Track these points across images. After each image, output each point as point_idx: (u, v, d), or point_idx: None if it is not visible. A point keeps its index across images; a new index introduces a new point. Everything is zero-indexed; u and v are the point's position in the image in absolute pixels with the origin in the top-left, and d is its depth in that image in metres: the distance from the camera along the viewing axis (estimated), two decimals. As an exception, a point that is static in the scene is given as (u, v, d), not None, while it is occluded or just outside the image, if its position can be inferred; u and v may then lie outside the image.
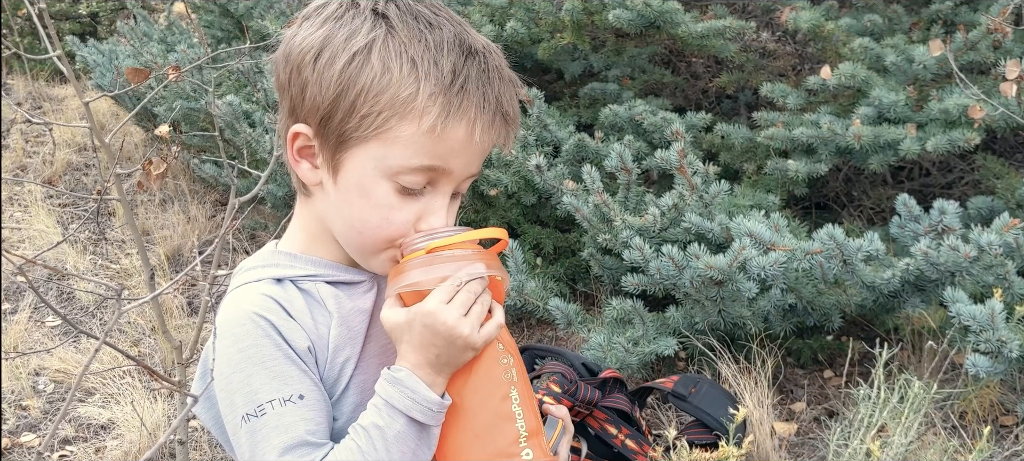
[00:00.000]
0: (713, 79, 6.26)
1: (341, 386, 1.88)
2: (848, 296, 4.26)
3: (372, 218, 1.81)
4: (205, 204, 8.12)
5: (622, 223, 4.42)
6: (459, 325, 1.75)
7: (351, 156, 1.79)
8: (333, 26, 1.79)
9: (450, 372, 1.81)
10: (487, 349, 1.84)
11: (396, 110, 1.73)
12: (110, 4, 13.54)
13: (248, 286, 1.88)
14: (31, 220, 7.87)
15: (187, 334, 5.71)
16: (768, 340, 4.64)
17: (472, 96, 1.76)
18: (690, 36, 5.24)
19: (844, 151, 4.83)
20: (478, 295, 1.80)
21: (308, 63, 1.78)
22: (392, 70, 1.73)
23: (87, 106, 3.77)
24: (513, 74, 1.89)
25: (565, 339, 5.36)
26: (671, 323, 4.52)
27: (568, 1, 5.43)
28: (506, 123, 1.84)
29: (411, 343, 1.79)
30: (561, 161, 5.15)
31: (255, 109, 6.33)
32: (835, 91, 4.99)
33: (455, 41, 1.78)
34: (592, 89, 5.94)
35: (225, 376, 1.80)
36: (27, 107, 11.52)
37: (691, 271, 4.06)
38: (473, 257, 1.82)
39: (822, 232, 3.98)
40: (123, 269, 7.04)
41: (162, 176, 3.92)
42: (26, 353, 5.59)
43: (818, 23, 5.18)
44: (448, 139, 1.75)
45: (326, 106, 1.76)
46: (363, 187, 1.79)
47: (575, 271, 5.63)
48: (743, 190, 5.02)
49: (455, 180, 1.84)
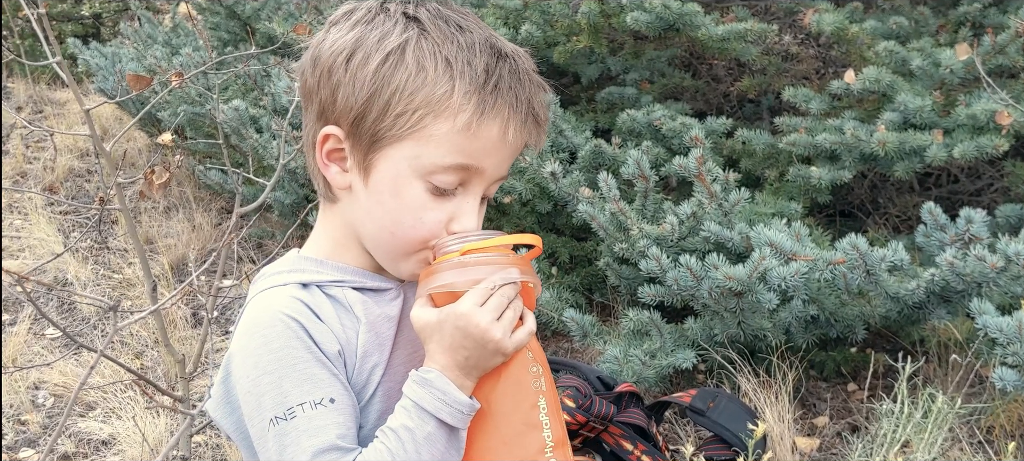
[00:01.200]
0: (735, 83, 6.26)
1: (368, 392, 1.90)
2: (872, 307, 4.25)
3: (405, 218, 1.84)
4: (210, 212, 8.13)
5: (639, 232, 4.42)
6: (491, 328, 1.78)
7: (384, 156, 1.82)
8: (364, 29, 1.83)
9: (478, 376, 1.84)
10: (517, 355, 1.87)
11: (431, 108, 1.77)
12: (113, 5, 13.57)
13: (275, 289, 1.89)
14: (31, 228, 7.89)
15: (191, 347, 5.72)
16: (789, 353, 4.64)
17: (505, 96, 1.81)
18: (710, 39, 5.24)
19: (869, 158, 4.82)
20: (511, 300, 1.83)
21: (340, 65, 1.82)
22: (427, 69, 1.77)
23: (87, 113, 3.80)
24: (541, 79, 1.93)
25: (580, 351, 5.37)
26: (689, 335, 4.52)
27: (584, 3, 5.44)
28: (537, 124, 1.89)
29: (441, 344, 1.81)
30: (577, 168, 5.16)
31: (262, 114, 6.35)
32: (859, 96, 4.99)
33: (486, 43, 1.83)
34: (609, 93, 5.95)
35: (252, 378, 1.82)
36: (28, 111, 11.56)
37: (710, 282, 4.06)
38: (507, 262, 1.85)
39: (845, 242, 3.98)
40: (125, 279, 7.05)
41: (165, 185, 3.95)
42: (25, 367, 5.59)
43: (842, 25, 5.16)
44: (482, 137, 1.80)
45: (360, 106, 1.80)
46: (396, 187, 1.82)
47: (591, 281, 5.64)
48: (765, 198, 5.02)
49: (486, 181, 1.87)
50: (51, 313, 6.58)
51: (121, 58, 8.54)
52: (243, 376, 1.84)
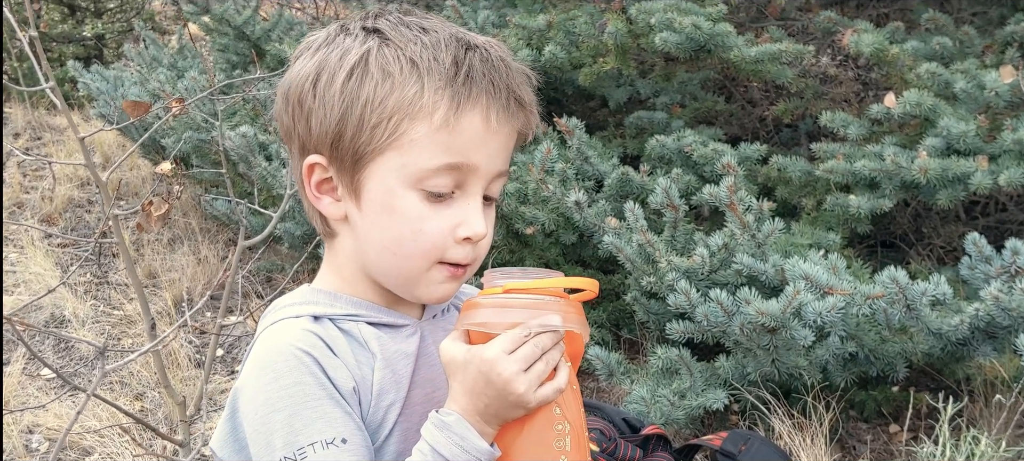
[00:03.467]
0: (770, 107, 6.26)
1: (384, 432, 1.89)
2: (914, 344, 4.24)
3: (404, 233, 1.83)
4: (217, 244, 8.14)
5: (668, 265, 4.42)
6: (515, 381, 1.75)
7: (370, 174, 1.83)
8: (325, 52, 1.86)
9: (498, 425, 1.82)
10: (542, 410, 1.83)
11: (405, 112, 1.78)
12: (117, 26, 13.62)
13: (287, 322, 1.89)
14: (27, 262, 7.89)
15: (194, 388, 5.70)
16: (826, 392, 4.62)
17: (480, 83, 1.81)
18: (743, 61, 5.25)
19: (910, 186, 4.81)
20: (545, 350, 1.80)
21: (308, 92, 1.84)
22: (393, 74, 1.79)
23: (83, 141, 3.84)
24: (521, 65, 1.94)
25: (606, 391, 5.37)
26: (720, 374, 4.51)
27: (611, 23, 5.46)
28: (522, 107, 1.89)
29: (463, 385, 1.80)
30: (603, 197, 5.17)
31: (271, 140, 6.37)
32: (900, 120, 4.98)
33: (452, 38, 1.84)
34: (638, 118, 5.96)
35: (261, 416, 1.80)
36: (26, 138, 11.59)
37: (741, 317, 4.07)
38: (551, 306, 1.82)
39: (884, 274, 3.97)
40: (126, 316, 7.05)
41: (164, 217, 3.98)
42: (19, 409, 5.55)
43: (882, 46, 5.16)
44: (465, 131, 1.80)
45: (334, 127, 1.81)
46: (388, 203, 1.83)
47: (618, 317, 5.64)
48: (801, 228, 5.01)
49: (483, 178, 1.87)
50: (47, 352, 6.59)
51: (123, 82, 8.57)
52: (252, 413, 1.82)
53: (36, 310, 7.02)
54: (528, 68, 1.96)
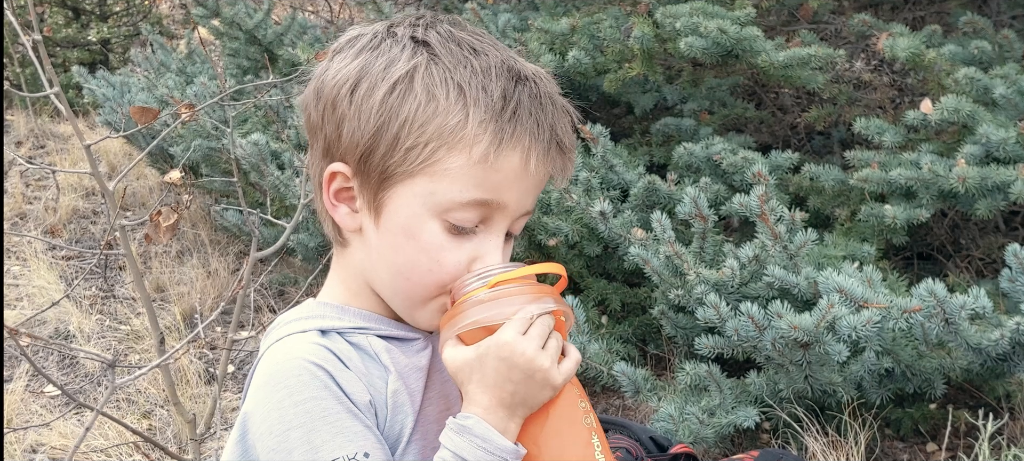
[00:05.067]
0: (802, 113, 6.26)
1: (399, 447, 1.89)
2: (952, 359, 4.22)
3: (421, 261, 1.84)
4: (227, 256, 8.12)
5: (696, 277, 4.41)
6: (539, 357, 1.78)
7: (395, 194, 1.82)
8: (369, 56, 1.84)
9: (524, 414, 1.83)
10: (565, 390, 1.86)
11: (444, 140, 1.77)
12: (123, 30, 13.62)
13: (293, 337, 1.89)
14: (30, 275, 7.89)
15: (204, 405, 5.68)
16: (862, 409, 4.61)
17: (525, 123, 1.81)
18: (772, 66, 5.24)
19: (948, 195, 4.80)
20: (551, 330, 1.83)
21: (344, 97, 1.83)
22: (438, 97, 1.77)
23: (88, 149, 3.85)
24: (566, 102, 1.94)
25: (632, 409, 5.36)
26: (751, 390, 4.50)
27: (637, 27, 5.45)
28: (562, 152, 1.89)
29: (482, 382, 1.81)
30: (629, 207, 5.16)
31: (284, 148, 6.37)
32: (937, 127, 4.96)
33: (503, 66, 1.83)
34: (665, 125, 5.96)
35: (278, 434, 1.79)
36: (29, 146, 11.60)
37: (773, 332, 4.04)
38: (539, 291, 1.85)
39: (921, 287, 3.94)
40: (133, 331, 7.04)
41: (173, 228, 3.99)
42: (22, 427, 5.53)
43: (918, 51, 5.13)
44: (501, 169, 1.80)
45: (366, 141, 1.80)
46: (409, 228, 1.83)
47: (644, 331, 5.63)
48: (835, 239, 4.99)
49: (509, 217, 1.87)
50: (51, 368, 6.59)
51: (130, 88, 8.56)
52: (267, 433, 1.81)
53: (40, 325, 7.01)
54: (571, 106, 1.95)
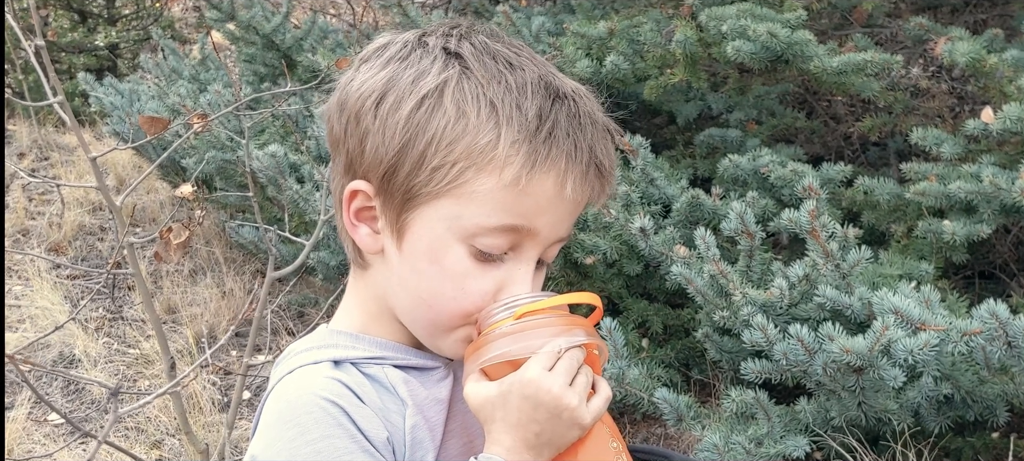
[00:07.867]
0: (856, 123, 6.25)
1: None
2: (1015, 385, 4.21)
3: (445, 288, 1.82)
4: (243, 275, 8.15)
5: (742, 298, 4.40)
6: (566, 395, 1.74)
7: (419, 216, 1.80)
8: (397, 67, 1.82)
9: (551, 455, 1.80)
10: (594, 429, 1.83)
11: (473, 160, 1.75)
12: (132, 35, 13.66)
13: (305, 369, 1.87)
14: (33, 295, 7.92)
15: (218, 434, 5.66)
16: (918, 438, 4.59)
17: (562, 144, 1.77)
18: (824, 72, 5.22)
19: (1011, 209, 4.76)
20: (580, 365, 1.80)
21: (368, 110, 1.81)
22: (468, 115, 1.74)
23: (94, 162, 3.88)
24: (608, 120, 1.91)
25: (675, 438, 5.36)
26: (801, 418, 4.48)
27: (680, 30, 5.44)
28: (600, 176, 1.86)
29: (506, 421, 1.78)
30: (671, 223, 5.16)
31: (303, 160, 6.38)
32: (999, 137, 4.92)
33: (540, 83, 1.80)
34: (710, 136, 5.97)
35: None
36: (32, 158, 11.62)
37: (824, 356, 4.04)
38: (569, 323, 1.82)
39: (982, 309, 3.92)
40: (143, 355, 7.05)
41: (184, 245, 4.01)
42: (24, 458, 5.54)
43: (979, 56, 5.10)
44: (533, 194, 1.76)
45: (390, 158, 1.78)
46: (434, 252, 1.80)
47: (688, 355, 5.62)
48: (891, 257, 4.97)
49: (541, 244, 1.84)
50: (55, 395, 6.60)
51: (140, 96, 8.60)
52: None
53: (43, 348, 7.04)
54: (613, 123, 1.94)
